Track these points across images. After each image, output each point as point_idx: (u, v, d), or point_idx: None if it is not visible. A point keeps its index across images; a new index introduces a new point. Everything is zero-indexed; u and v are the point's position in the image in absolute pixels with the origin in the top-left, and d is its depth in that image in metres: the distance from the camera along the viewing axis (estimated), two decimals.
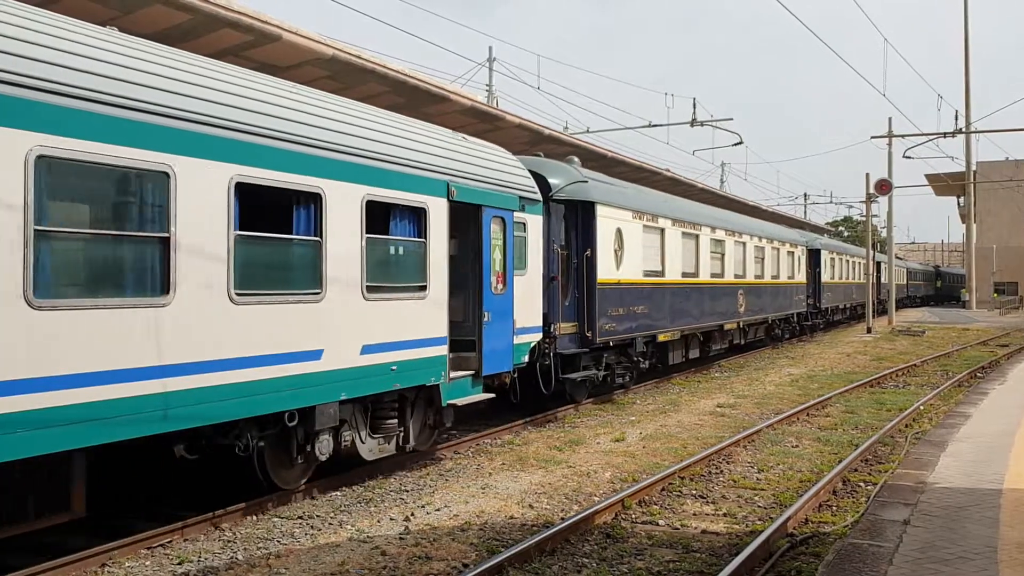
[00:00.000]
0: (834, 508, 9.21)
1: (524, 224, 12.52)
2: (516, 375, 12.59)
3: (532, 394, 14.19)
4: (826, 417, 15.04)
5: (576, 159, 17.14)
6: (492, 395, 11.73)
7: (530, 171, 13.38)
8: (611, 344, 15.97)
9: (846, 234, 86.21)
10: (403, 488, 9.84)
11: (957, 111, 40.39)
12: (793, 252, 30.46)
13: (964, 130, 45.28)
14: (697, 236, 20.50)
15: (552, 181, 14.85)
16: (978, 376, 21.29)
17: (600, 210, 15.57)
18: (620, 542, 7.93)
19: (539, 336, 13.00)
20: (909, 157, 42.60)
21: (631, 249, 16.67)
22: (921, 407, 15.73)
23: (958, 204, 76.70)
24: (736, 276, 23.40)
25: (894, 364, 23.75)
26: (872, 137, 43.46)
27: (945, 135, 39.46)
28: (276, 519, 8.63)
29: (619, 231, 16.20)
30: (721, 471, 10.79)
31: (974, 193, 66.56)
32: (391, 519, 8.56)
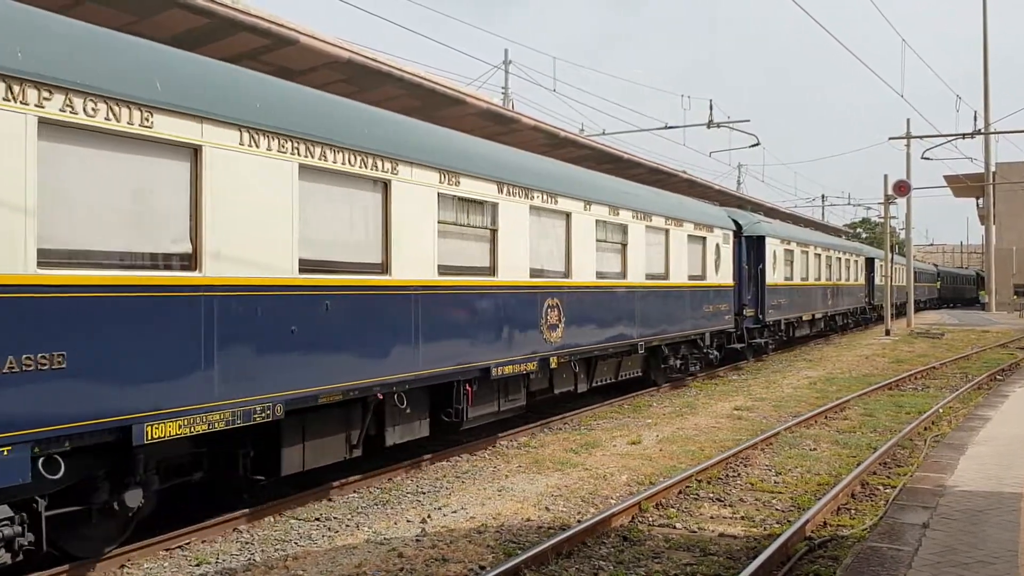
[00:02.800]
0: (853, 511, 9.15)
1: None
2: None
3: None
4: (844, 420, 14.95)
5: None
6: None
7: None
8: None
9: (864, 235, 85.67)
10: (420, 490, 9.86)
11: (976, 112, 40.08)
12: (704, 238, 19.29)
13: (983, 131, 44.97)
14: (387, 185, 9.41)
15: None
16: (998, 378, 21.10)
17: None
18: (637, 545, 7.91)
19: None
20: (928, 158, 42.26)
21: None
22: (940, 410, 15.61)
23: (977, 205, 76.10)
24: (541, 272, 12.56)
25: (913, 367, 23.57)
26: (890, 138, 43.28)
27: (964, 136, 39.14)
28: (293, 520, 8.66)
29: None
30: (738, 474, 10.75)
31: (993, 194, 66.01)
32: (408, 521, 8.58)
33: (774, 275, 24.90)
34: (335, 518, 8.72)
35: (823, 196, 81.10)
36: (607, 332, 14.65)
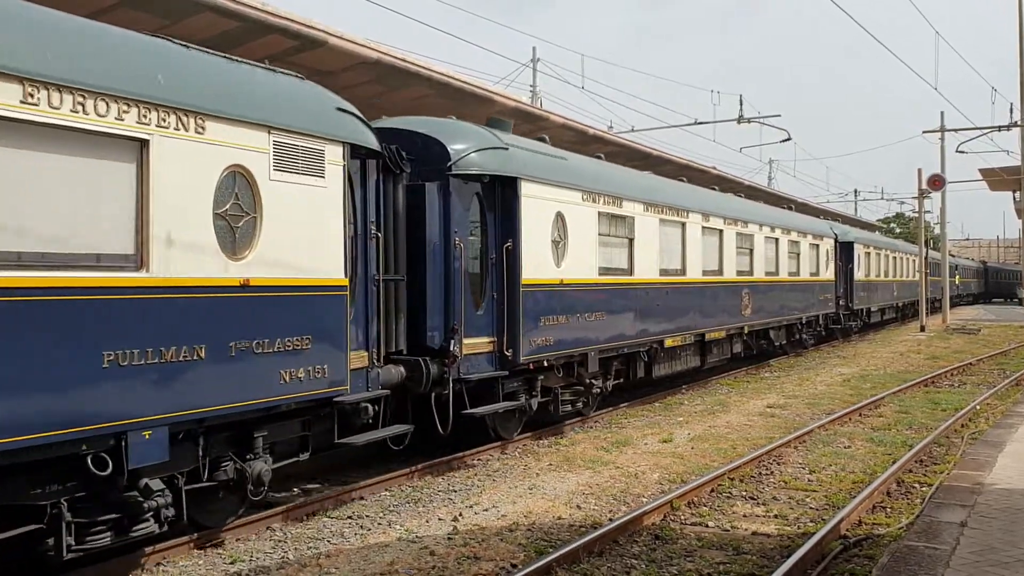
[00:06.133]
0: (888, 510, 9.04)
1: None
2: None
3: None
4: (879, 417, 14.78)
5: None
6: None
7: None
8: None
9: (898, 230, 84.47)
10: (451, 488, 9.88)
11: (1012, 104, 39.46)
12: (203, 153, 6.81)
13: (1019, 123, 44.24)
14: None
15: None
16: None
17: None
18: (669, 543, 7.87)
19: None
20: (962, 151, 41.72)
21: None
22: (977, 406, 15.39)
23: (1013, 199, 74.74)
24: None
25: (949, 363, 23.25)
26: (924, 132, 42.59)
27: (999, 128, 38.62)
28: (326, 519, 8.72)
29: None
30: (771, 472, 10.66)
31: None
32: (439, 519, 8.60)
33: (562, 263, 12.48)
34: (367, 516, 8.77)
35: (856, 191, 79.92)
36: None
